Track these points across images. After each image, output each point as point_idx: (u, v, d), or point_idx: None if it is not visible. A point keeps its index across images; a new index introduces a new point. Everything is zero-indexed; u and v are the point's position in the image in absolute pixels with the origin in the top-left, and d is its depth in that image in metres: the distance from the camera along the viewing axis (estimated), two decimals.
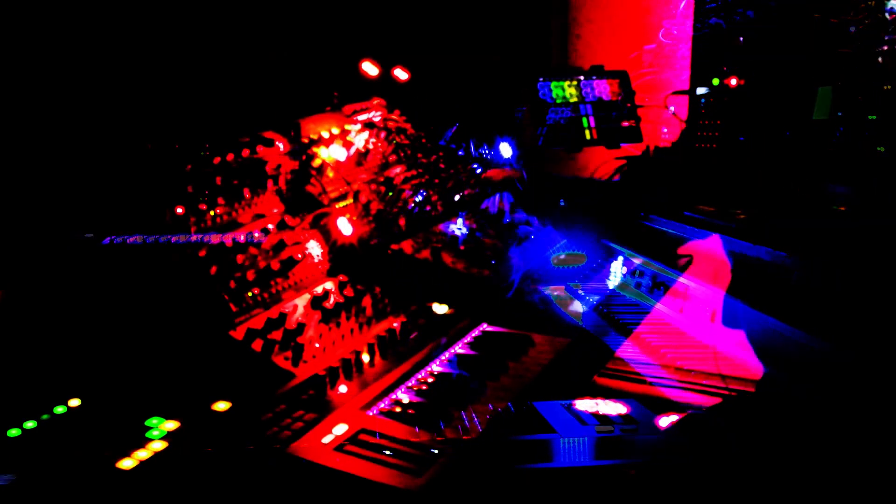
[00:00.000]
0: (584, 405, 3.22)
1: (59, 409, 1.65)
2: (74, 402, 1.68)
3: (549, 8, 4.07)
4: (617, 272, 2.37)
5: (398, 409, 1.69)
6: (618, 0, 4.00)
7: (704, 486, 1.79)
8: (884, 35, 2.20)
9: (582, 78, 3.66)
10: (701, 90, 2.84)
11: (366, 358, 1.86)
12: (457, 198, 2.50)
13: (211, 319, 1.80)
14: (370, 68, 2.71)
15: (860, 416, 1.54)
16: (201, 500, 1.49)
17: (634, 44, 3.83)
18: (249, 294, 1.90)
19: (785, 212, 2.43)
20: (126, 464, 1.48)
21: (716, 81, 2.80)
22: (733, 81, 2.75)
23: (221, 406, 1.65)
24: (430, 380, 1.82)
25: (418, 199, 2.38)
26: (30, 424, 1.60)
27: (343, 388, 1.74)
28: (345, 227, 2.17)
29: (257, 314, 1.88)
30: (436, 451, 1.48)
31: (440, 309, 2.10)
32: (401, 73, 2.77)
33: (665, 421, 3.13)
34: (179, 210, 1.90)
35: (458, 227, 2.46)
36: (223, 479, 1.51)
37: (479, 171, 2.58)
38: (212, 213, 1.99)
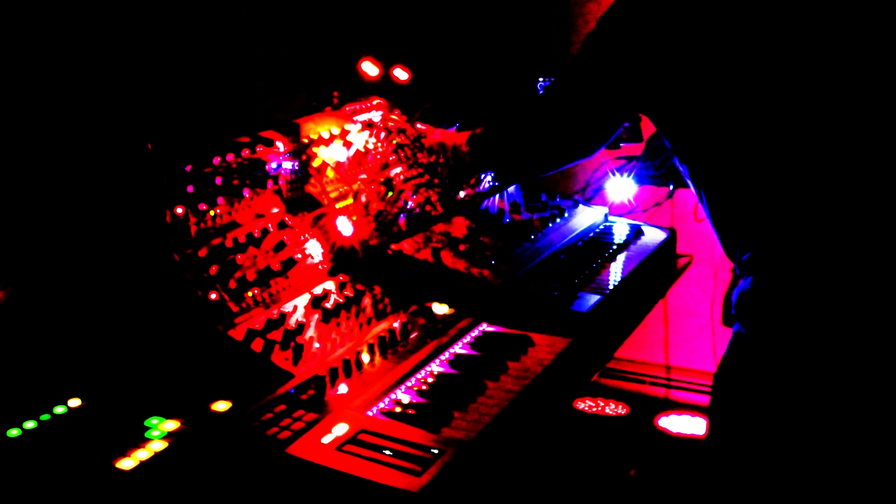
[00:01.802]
0: (584, 405, 3.22)
1: (59, 409, 1.65)
2: (74, 402, 1.68)
3: (549, 7, 4.06)
4: (617, 271, 2.37)
5: (398, 409, 1.69)
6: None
7: (703, 484, 1.79)
8: None
9: None
10: None
11: (366, 358, 1.86)
12: (457, 198, 2.50)
13: (211, 319, 1.80)
14: (370, 68, 2.71)
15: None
16: (201, 501, 1.50)
17: None
18: (249, 294, 1.90)
19: None
20: (126, 464, 1.48)
21: None
22: None
23: (221, 406, 1.65)
24: (430, 380, 1.82)
25: (418, 198, 2.38)
26: (30, 424, 1.60)
27: (343, 388, 1.74)
28: (345, 227, 2.17)
29: (257, 314, 1.88)
30: (436, 451, 1.48)
31: (440, 309, 2.10)
32: (401, 73, 2.76)
33: (665, 420, 3.13)
34: (179, 210, 1.90)
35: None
36: (223, 479, 1.51)
37: None
38: (212, 213, 1.99)
